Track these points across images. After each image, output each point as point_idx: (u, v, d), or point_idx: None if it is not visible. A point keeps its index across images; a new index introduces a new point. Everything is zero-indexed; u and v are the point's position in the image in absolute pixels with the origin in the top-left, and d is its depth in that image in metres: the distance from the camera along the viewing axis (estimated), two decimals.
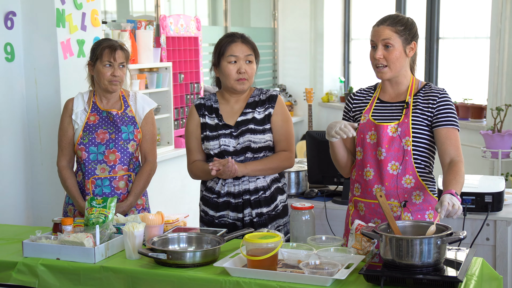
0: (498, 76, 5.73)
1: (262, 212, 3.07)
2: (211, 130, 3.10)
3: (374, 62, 2.77)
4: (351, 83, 8.58)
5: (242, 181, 3.06)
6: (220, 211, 3.09)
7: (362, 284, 2.28)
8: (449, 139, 2.71)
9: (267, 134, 3.07)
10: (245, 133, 3.05)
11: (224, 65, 3.06)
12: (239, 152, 3.05)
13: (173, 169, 5.62)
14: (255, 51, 3.12)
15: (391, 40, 2.72)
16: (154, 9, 6.25)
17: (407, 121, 2.74)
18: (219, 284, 2.36)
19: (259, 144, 3.05)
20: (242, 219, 3.07)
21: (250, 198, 3.07)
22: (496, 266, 3.42)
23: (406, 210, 2.74)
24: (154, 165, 3.44)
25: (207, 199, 3.13)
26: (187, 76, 5.98)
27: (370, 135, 2.80)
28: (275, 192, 3.12)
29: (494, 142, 5.17)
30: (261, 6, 8.48)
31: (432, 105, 2.74)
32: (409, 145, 2.73)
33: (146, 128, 3.42)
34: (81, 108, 3.38)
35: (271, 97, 3.12)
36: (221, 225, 3.08)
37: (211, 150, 3.08)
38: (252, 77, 3.09)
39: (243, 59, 3.05)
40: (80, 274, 2.56)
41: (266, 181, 3.09)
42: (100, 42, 3.35)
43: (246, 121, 3.08)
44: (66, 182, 3.38)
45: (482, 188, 3.45)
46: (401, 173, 2.74)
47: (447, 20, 7.15)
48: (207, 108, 3.15)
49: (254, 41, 3.17)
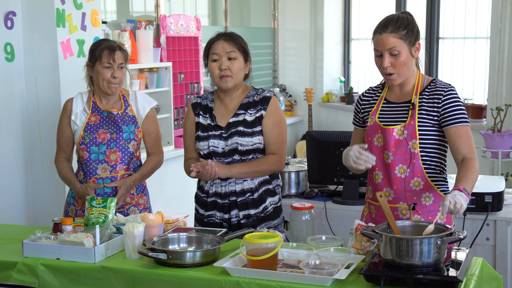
0: (498, 76, 5.73)
1: (249, 214, 3.06)
2: (202, 130, 3.11)
3: (382, 70, 2.72)
4: (351, 83, 8.58)
5: (228, 182, 3.06)
6: (208, 210, 3.11)
7: (362, 284, 2.28)
8: (460, 137, 2.65)
9: (256, 136, 3.04)
10: (233, 135, 3.04)
11: (209, 64, 3.08)
12: (227, 154, 3.04)
13: (173, 169, 5.62)
14: (240, 48, 3.07)
15: (397, 48, 2.65)
16: (154, 9, 6.25)
17: (413, 123, 2.69)
18: (219, 284, 2.36)
19: (247, 146, 3.03)
20: (229, 219, 3.07)
21: (236, 200, 3.06)
22: (496, 266, 3.42)
23: (416, 213, 2.70)
24: (161, 158, 3.49)
25: (198, 197, 3.17)
26: (187, 76, 5.98)
27: (377, 138, 2.76)
28: (264, 194, 3.08)
29: (494, 142, 5.17)
30: (261, 6, 8.48)
31: (438, 104, 2.69)
32: (416, 148, 2.68)
33: (150, 127, 3.43)
34: (81, 109, 3.38)
35: (264, 99, 3.09)
36: (210, 224, 3.09)
37: (201, 151, 3.10)
38: (237, 73, 3.05)
39: (225, 55, 3.03)
40: (80, 274, 2.56)
41: (253, 183, 3.07)
42: (99, 43, 3.34)
43: (236, 122, 3.06)
44: (62, 172, 3.41)
45: (482, 188, 3.44)
46: (409, 176, 2.70)
47: (447, 20, 7.15)
48: (202, 108, 3.16)
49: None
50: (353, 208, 3.75)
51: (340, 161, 3.83)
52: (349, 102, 7.99)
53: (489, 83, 5.90)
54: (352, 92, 8.09)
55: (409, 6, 7.57)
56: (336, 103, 8.22)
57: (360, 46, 8.49)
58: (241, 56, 3.07)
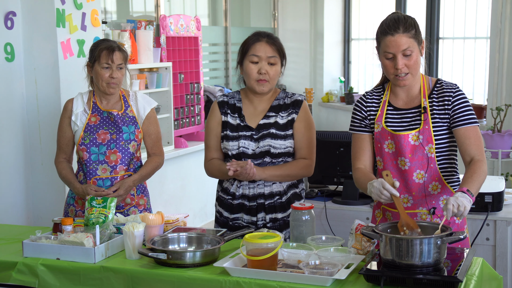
0: (498, 76, 5.73)
1: (276, 218, 3.00)
2: (232, 130, 3.03)
3: (394, 72, 2.64)
4: (351, 83, 8.59)
5: (257, 184, 3.00)
6: (234, 213, 3.03)
7: (362, 284, 2.28)
8: (469, 139, 2.63)
9: (288, 140, 3.00)
10: (266, 137, 2.98)
11: (246, 64, 3.00)
12: (257, 155, 2.98)
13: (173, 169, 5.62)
14: (281, 53, 3.03)
15: (411, 48, 2.60)
16: (154, 9, 6.26)
17: (427, 127, 2.65)
18: (219, 284, 2.36)
19: (279, 149, 2.98)
20: (256, 222, 3.01)
21: (264, 203, 3.00)
22: (496, 266, 3.43)
23: (435, 217, 2.69)
24: (162, 159, 3.47)
25: (222, 200, 3.08)
26: (187, 76, 5.98)
27: (388, 144, 2.71)
28: (292, 198, 3.03)
29: (494, 142, 5.16)
30: (261, 6, 8.49)
31: (448, 106, 2.66)
32: (432, 152, 2.65)
33: (150, 128, 3.42)
34: (81, 109, 3.38)
35: (296, 102, 3.05)
36: (235, 228, 3.01)
37: (229, 151, 3.01)
38: (274, 79, 3.01)
39: (266, 60, 2.98)
40: (80, 274, 2.56)
41: (282, 186, 3.02)
42: (98, 43, 3.33)
43: (268, 124, 3.01)
44: (62, 172, 3.41)
45: (482, 188, 3.40)
46: (427, 181, 2.68)
47: (447, 20, 7.16)
48: (230, 107, 3.08)
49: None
50: (353, 208, 3.75)
51: (340, 161, 3.86)
52: (349, 102, 7.99)
53: (489, 83, 5.90)
54: (352, 92, 8.09)
55: (409, 6, 7.57)
56: (336, 103, 8.23)
57: (360, 46, 8.49)
58: (280, 61, 3.03)
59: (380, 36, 2.65)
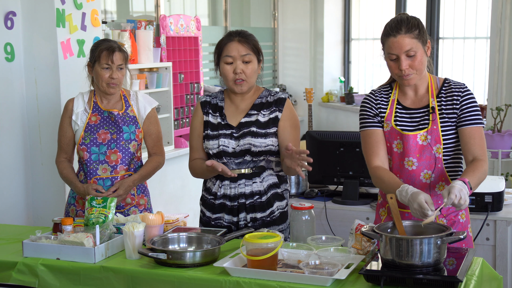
0: (498, 76, 5.73)
1: (256, 217, 2.99)
2: (212, 129, 3.03)
3: (398, 73, 2.65)
4: (351, 83, 8.59)
5: (238, 184, 2.99)
6: (216, 213, 3.03)
7: (362, 284, 2.28)
8: (473, 139, 2.64)
9: (269, 138, 2.97)
10: (246, 135, 2.97)
11: (222, 65, 2.99)
12: (237, 154, 2.97)
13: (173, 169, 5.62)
14: (255, 50, 3.01)
15: (414, 48, 2.60)
16: (154, 9, 6.26)
17: (436, 127, 2.66)
18: (219, 284, 2.36)
19: (259, 148, 2.96)
20: (237, 223, 3.00)
21: (245, 202, 2.98)
22: (496, 266, 3.43)
23: (441, 216, 2.69)
24: (163, 159, 3.46)
25: (205, 199, 3.08)
26: (187, 76, 5.98)
27: (397, 144, 2.72)
28: (272, 198, 3.01)
29: (494, 142, 5.16)
30: (261, 6, 8.48)
31: (456, 106, 2.67)
32: (440, 153, 2.66)
33: (151, 127, 3.42)
34: (82, 109, 3.38)
35: (279, 100, 3.02)
36: (217, 227, 3.01)
37: (210, 150, 3.01)
38: (251, 77, 2.98)
39: (239, 59, 2.96)
40: (80, 274, 2.56)
41: (262, 185, 2.99)
42: (99, 44, 3.33)
43: (249, 123, 3.00)
44: (62, 172, 3.41)
45: (482, 188, 3.44)
46: (434, 181, 2.68)
47: (447, 20, 7.16)
48: (212, 106, 3.08)
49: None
50: (353, 208, 3.75)
51: (340, 161, 3.86)
52: (349, 102, 7.99)
53: (489, 83, 5.90)
54: (352, 92, 8.09)
55: (409, 6, 7.57)
56: (336, 103, 8.22)
57: (360, 46, 8.49)
58: (255, 58, 3.00)
59: (384, 38, 2.67)
